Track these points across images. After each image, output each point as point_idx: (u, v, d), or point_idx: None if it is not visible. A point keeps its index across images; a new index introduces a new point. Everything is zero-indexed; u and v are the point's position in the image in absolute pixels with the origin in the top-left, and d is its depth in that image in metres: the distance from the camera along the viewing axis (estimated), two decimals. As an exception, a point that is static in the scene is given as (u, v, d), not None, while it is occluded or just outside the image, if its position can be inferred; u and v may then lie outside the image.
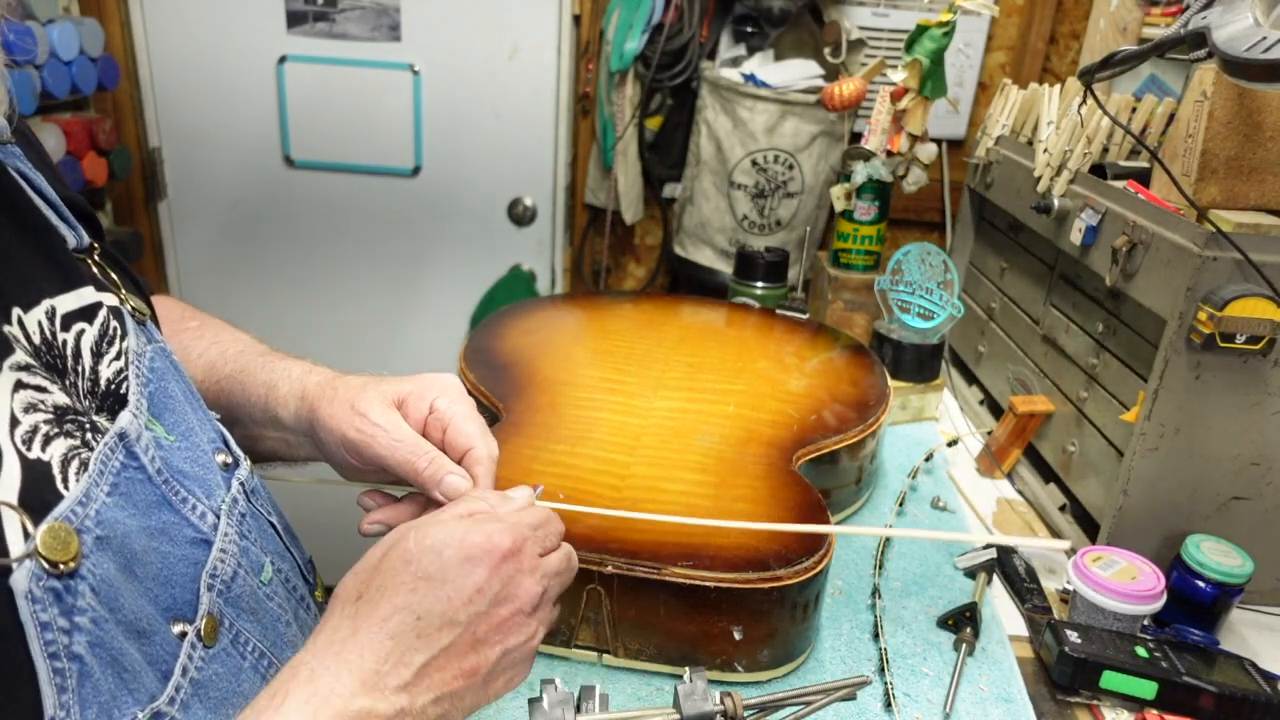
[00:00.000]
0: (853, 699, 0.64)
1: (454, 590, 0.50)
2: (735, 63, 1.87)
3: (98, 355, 0.52)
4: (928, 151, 1.42)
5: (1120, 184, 0.98)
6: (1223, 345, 0.81)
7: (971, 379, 1.40)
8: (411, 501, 0.65)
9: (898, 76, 1.36)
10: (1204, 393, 0.85)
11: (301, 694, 0.46)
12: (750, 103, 1.77)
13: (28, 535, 0.41)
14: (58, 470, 0.45)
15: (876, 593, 0.88)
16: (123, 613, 0.46)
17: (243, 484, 0.60)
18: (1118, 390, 0.97)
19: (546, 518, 0.58)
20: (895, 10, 1.89)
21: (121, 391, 0.53)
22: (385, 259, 2.16)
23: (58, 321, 0.50)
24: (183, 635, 0.50)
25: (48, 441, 0.45)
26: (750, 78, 1.78)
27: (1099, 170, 1.04)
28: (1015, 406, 1.12)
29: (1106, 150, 1.07)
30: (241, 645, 0.54)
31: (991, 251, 1.37)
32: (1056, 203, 1.04)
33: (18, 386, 0.45)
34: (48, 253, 0.52)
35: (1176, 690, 0.76)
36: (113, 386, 0.52)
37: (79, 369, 0.50)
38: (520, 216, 2.10)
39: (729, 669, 0.75)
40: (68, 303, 0.51)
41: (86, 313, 0.53)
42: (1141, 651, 0.78)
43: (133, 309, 0.57)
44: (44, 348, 0.48)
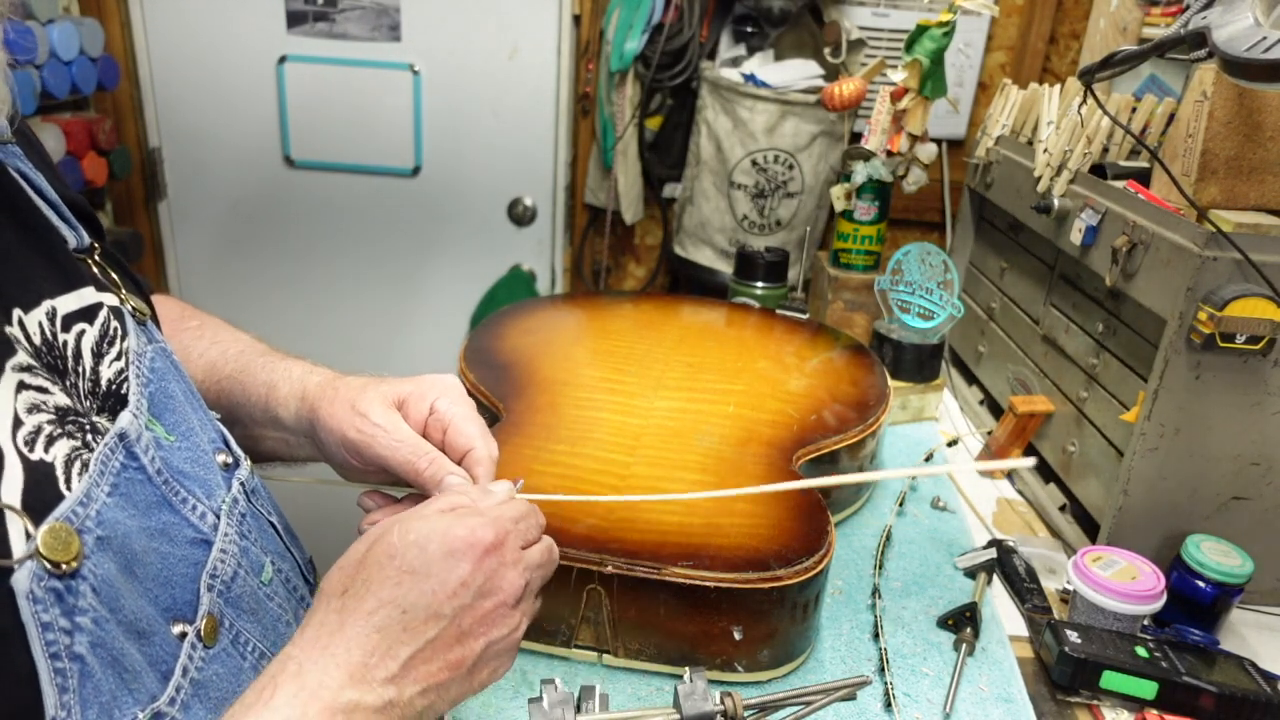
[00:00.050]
0: (853, 699, 0.64)
1: (438, 584, 0.50)
2: (735, 63, 1.87)
3: (98, 356, 0.52)
4: (928, 151, 1.42)
5: (1120, 184, 0.98)
6: (1223, 345, 0.81)
7: (971, 379, 1.40)
8: (411, 502, 0.65)
9: (898, 76, 1.36)
10: (1204, 393, 0.85)
11: (290, 688, 0.46)
12: (750, 103, 1.77)
13: (29, 536, 0.41)
14: (61, 471, 0.45)
15: (876, 593, 0.88)
16: (123, 613, 0.46)
17: (243, 484, 0.60)
18: (1118, 390, 0.97)
19: (527, 511, 0.58)
20: (895, 10, 1.89)
21: (122, 392, 0.53)
22: (385, 259, 2.16)
23: (58, 322, 0.50)
24: (183, 636, 0.50)
25: (51, 442, 0.45)
26: (750, 78, 1.78)
27: (1099, 170, 1.04)
28: (1015, 406, 1.12)
29: (1106, 150, 1.07)
30: (242, 645, 0.54)
31: (991, 251, 1.37)
32: (1056, 203, 1.05)
33: (20, 387, 0.45)
34: (48, 253, 0.52)
35: (1176, 690, 0.76)
36: (113, 387, 0.52)
37: (79, 369, 0.50)
38: (520, 216, 2.11)
39: (729, 669, 0.75)
40: (68, 303, 0.51)
41: (87, 313, 0.53)
42: (1141, 651, 0.78)
43: (133, 309, 0.57)
44: (44, 348, 0.48)
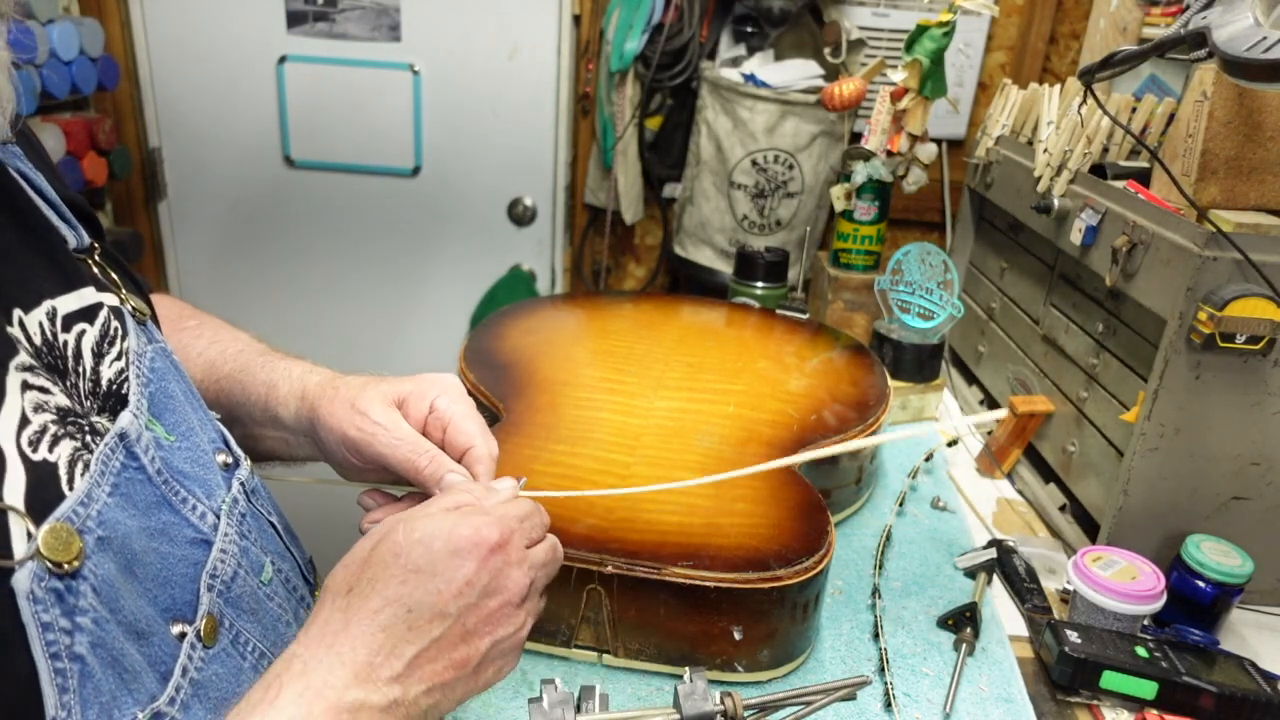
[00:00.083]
0: (853, 699, 0.64)
1: (444, 583, 0.50)
2: (735, 63, 1.87)
3: (99, 356, 0.52)
4: (928, 151, 1.42)
5: (1120, 184, 0.98)
6: (1223, 345, 0.81)
7: (971, 379, 1.40)
8: (411, 500, 0.65)
9: (898, 76, 1.36)
10: (1204, 393, 0.85)
11: (295, 687, 0.46)
12: (750, 103, 1.77)
13: (30, 536, 0.41)
14: (64, 471, 0.45)
15: (876, 593, 0.88)
16: (123, 613, 0.46)
17: (243, 484, 0.60)
18: (1118, 390, 0.97)
19: (532, 510, 0.58)
20: (895, 10, 1.89)
21: (122, 392, 0.52)
22: (385, 259, 2.16)
23: (59, 322, 0.50)
24: (182, 636, 0.50)
25: (56, 442, 0.45)
26: (750, 78, 1.78)
27: (1099, 170, 1.04)
28: (1015, 406, 1.12)
29: (1106, 150, 1.07)
30: (241, 646, 0.54)
31: (991, 251, 1.37)
32: (1056, 203, 1.05)
33: (24, 387, 0.45)
34: (48, 253, 0.52)
35: (1176, 690, 0.76)
36: (114, 387, 0.52)
37: (80, 370, 0.50)
38: (520, 216, 2.10)
39: (729, 669, 0.75)
40: (69, 303, 0.51)
41: (87, 313, 0.52)
42: (1141, 651, 0.78)
43: (133, 309, 0.57)
44: (45, 349, 0.48)
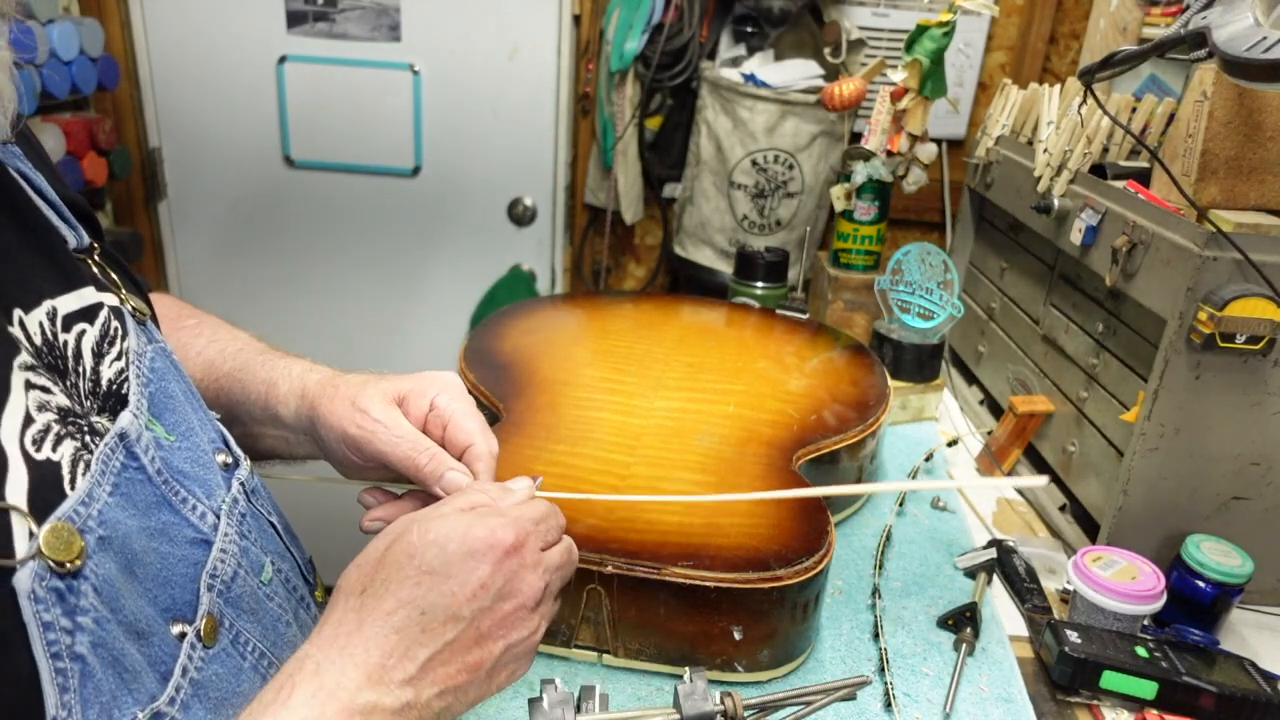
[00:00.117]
0: (853, 699, 0.64)
1: (458, 585, 0.50)
2: (735, 63, 1.87)
3: (99, 356, 0.52)
4: (928, 151, 1.42)
5: (1120, 184, 0.98)
6: (1223, 345, 0.81)
7: (971, 379, 1.40)
8: (411, 498, 0.65)
9: (898, 76, 1.36)
10: (1204, 393, 0.85)
11: (308, 688, 0.46)
12: (750, 103, 1.77)
13: (32, 536, 0.41)
14: (67, 470, 0.45)
15: (876, 593, 0.88)
16: (123, 613, 0.46)
17: (243, 484, 0.60)
18: (1118, 390, 0.97)
19: (548, 512, 0.58)
20: (895, 10, 1.89)
21: (122, 392, 0.52)
22: (385, 259, 2.16)
23: (59, 322, 0.50)
24: (182, 636, 0.50)
25: (59, 441, 0.45)
26: (750, 78, 1.78)
27: (1099, 170, 1.04)
28: (1015, 406, 1.12)
29: (1106, 150, 1.07)
30: (241, 645, 0.54)
31: (991, 251, 1.37)
32: (1056, 203, 1.04)
33: (27, 387, 0.45)
34: (48, 253, 0.52)
35: (1176, 690, 0.76)
36: (114, 387, 0.52)
37: (80, 370, 0.50)
38: (520, 216, 2.10)
39: (729, 669, 0.75)
40: (68, 303, 0.51)
41: (87, 313, 0.52)
42: (1141, 651, 0.78)
43: (133, 309, 0.57)
44: (45, 349, 0.48)
